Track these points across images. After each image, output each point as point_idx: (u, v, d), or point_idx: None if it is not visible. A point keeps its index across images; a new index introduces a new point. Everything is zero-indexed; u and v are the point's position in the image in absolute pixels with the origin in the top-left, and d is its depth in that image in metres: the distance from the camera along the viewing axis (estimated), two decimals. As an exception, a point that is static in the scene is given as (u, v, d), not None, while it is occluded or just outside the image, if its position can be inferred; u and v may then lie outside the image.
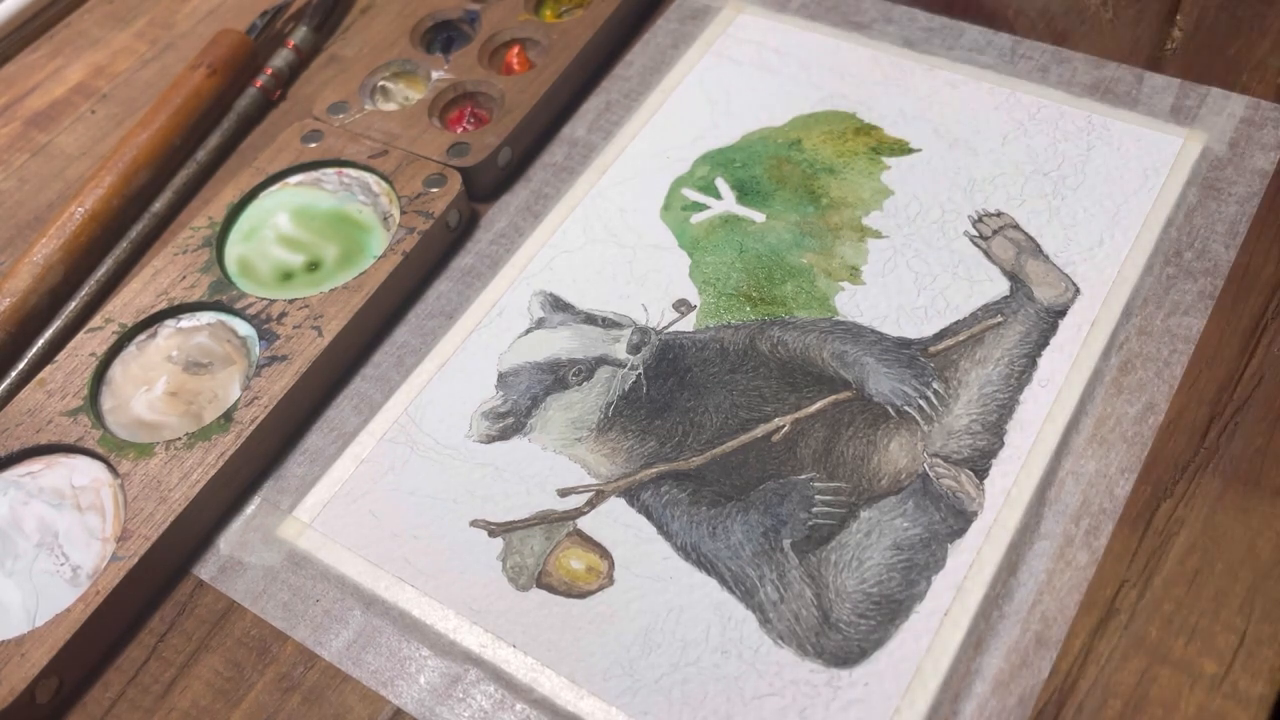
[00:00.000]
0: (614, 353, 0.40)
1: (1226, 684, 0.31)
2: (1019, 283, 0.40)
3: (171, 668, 0.36)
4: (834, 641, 0.33)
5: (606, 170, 0.47)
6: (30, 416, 0.40)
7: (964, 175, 0.44)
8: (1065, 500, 0.35)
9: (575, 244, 0.44)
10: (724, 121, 0.47)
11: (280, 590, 0.37)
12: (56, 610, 0.35)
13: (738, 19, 0.51)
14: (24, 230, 0.49)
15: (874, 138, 0.46)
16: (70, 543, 0.37)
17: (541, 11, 0.52)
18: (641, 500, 0.37)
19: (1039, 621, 0.33)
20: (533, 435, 0.39)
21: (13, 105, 0.54)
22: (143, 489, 0.37)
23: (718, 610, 0.34)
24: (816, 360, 0.39)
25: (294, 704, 0.34)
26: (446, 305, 0.43)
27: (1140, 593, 0.33)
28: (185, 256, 0.44)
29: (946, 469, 0.36)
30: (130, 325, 0.42)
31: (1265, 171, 0.42)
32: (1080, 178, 0.43)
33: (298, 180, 0.47)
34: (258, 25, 0.54)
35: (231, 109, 0.51)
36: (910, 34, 0.49)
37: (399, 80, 0.50)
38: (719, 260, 0.43)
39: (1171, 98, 0.45)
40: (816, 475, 0.37)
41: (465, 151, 0.46)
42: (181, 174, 0.49)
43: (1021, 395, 0.38)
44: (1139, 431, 0.36)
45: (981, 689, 0.32)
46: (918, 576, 0.34)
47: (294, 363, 0.40)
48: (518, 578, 0.36)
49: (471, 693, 0.34)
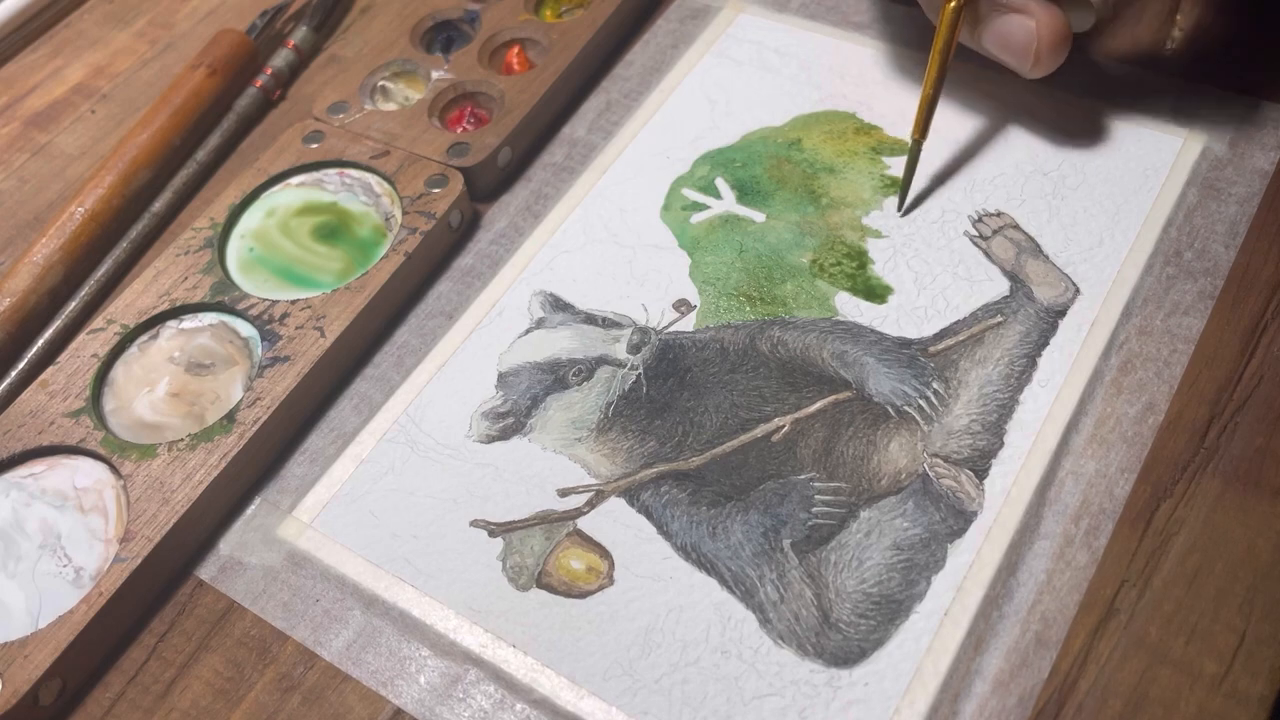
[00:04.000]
0: (614, 353, 0.41)
1: (1226, 684, 0.31)
2: (1019, 283, 0.40)
3: (171, 668, 0.36)
4: (834, 641, 0.34)
5: (606, 170, 0.47)
6: (32, 418, 0.40)
7: (964, 175, 0.44)
8: (1065, 500, 0.35)
9: (575, 244, 0.44)
10: (724, 121, 0.47)
11: (280, 590, 0.37)
12: (59, 612, 0.35)
13: (738, 19, 0.51)
14: (24, 230, 0.49)
15: (874, 137, 0.46)
16: (73, 544, 0.37)
17: (541, 11, 0.52)
18: (641, 500, 0.37)
19: (1039, 621, 0.33)
20: (533, 435, 0.39)
21: (12, 105, 0.54)
22: (145, 490, 0.37)
23: (718, 610, 0.35)
24: (816, 360, 0.40)
25: (294, 704, 0.34)
26: (446, 305, 0.44)
27: (1140, 593, 0.33)
28: (187, 257, 0.44)
29: (946, 469, 0.36)
30: (132, 326, 0.42)
31: (1265, 171, 0.42)
32: (1080, 178, 0.43)
33: (299, 181, 0.47)
34: (258, 25, 0.54)
35: (231, 109, 0.51)
36: (910, 33, 0.49)
37: (399, 80, 0.50)
38: (719, 260, 0.43)
39: (1171, 98, 0.45)
40: (816, 475, 0.37)
41: (465, 151, 0.46)
42: (181, 174, 0.49)
43: (1021, 395, 0.38)
44: (1139, 431, 0.36)
45: (981, 689, 0.32)
46: (918, 576, 0.34)
47: (296, 364, 0.40)
48: (518, 578, 0.36)
49: (471, 693, 0.34)
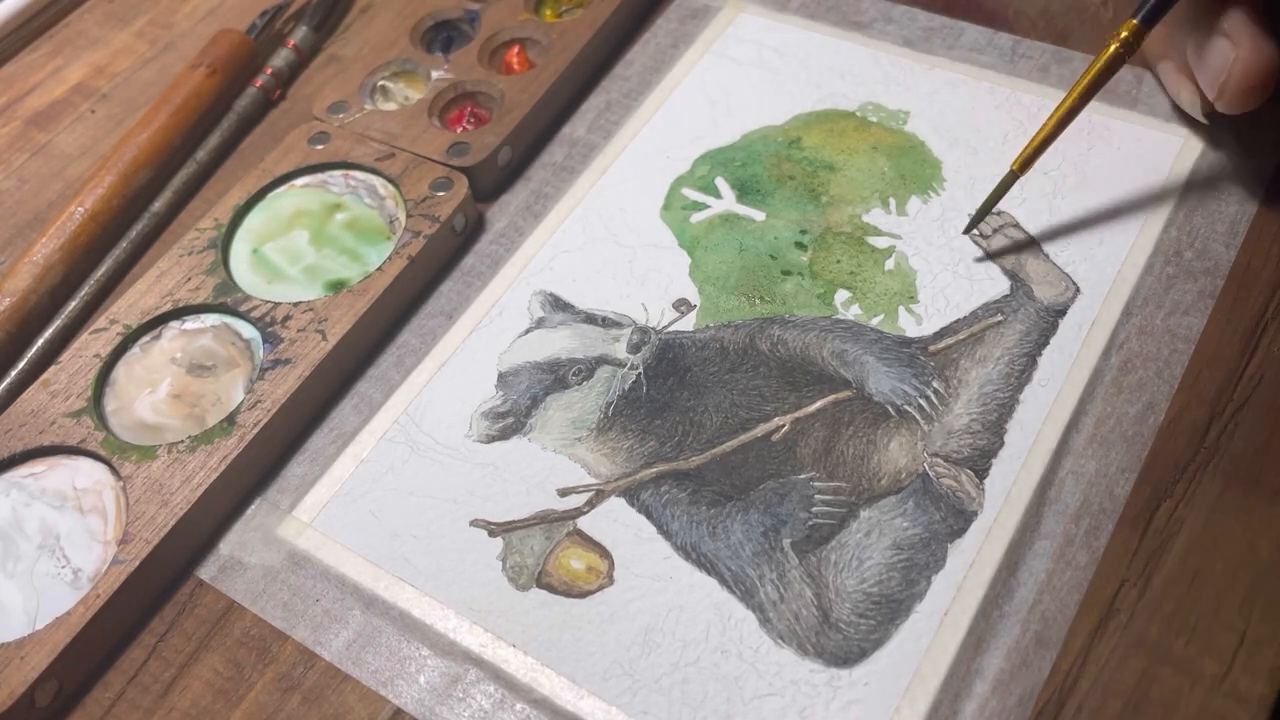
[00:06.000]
0: (614, 352, 0.41)
1: (1227, 684, 0.31)
2: (1019, 282, 0.40)
3: (171, 668, 0.36)
4: (834, 641, 0.34)
5: (606, 170, 0.47)
6: (33, 418, 0.40)
7: (964, 173, 0.44)
8: (1065, 500, 0.35)
9: (575, 244, 0.44)
10: (724, 121, 0.47)
11: (280, 590, 0.37)
12: (57, 613, 0.35)
13: (738, 19, 0.51)
14: (24, 230, 0.49)
15: (874, 136, 0.46)
16: (72, 545, 0.37)
17: (541, 11, 0.52)
18: (641, 500, 0.37)
19: (1039, 621, 0.33)
20: (533, 435, 0.39)
21: (12, 105, 0.54)
22: (145, 492, 0.37)
23: (718, 610, 0.35)
24: (816, 359, 0.40)
25: (294, 704, 0.34)
26: (446, 305, 0.44)
27: (1140, 593, 0.33)
28: (190, 258, 0.44)
29: (946, 468, 0.36)
30: (135, 326, 0.42)
31: (1265, 171, 0.42)
32: (1080, 177, 0.43)
33: (304, 183, 0.47)
34: (258, 25, 0.54)
35: (231, 109, 0.51)
36: (910, 33, 0.49)
37: (399, 80, 0.50)
38: (719, 259, 0.43)
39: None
40: (816, 475, 0.37)
41: (465, 151, 0.46)
42: (181, 174, 0.49)
43: (1021, 395, 0.38)
44: (1139, 431, 0.36)
45: (981, 689, 0.32)
46: (918, 576, 0.34)
47: (297, 366, 0.40)
48: (518, 578, 0.36)
49: (471, 693, 0.34)
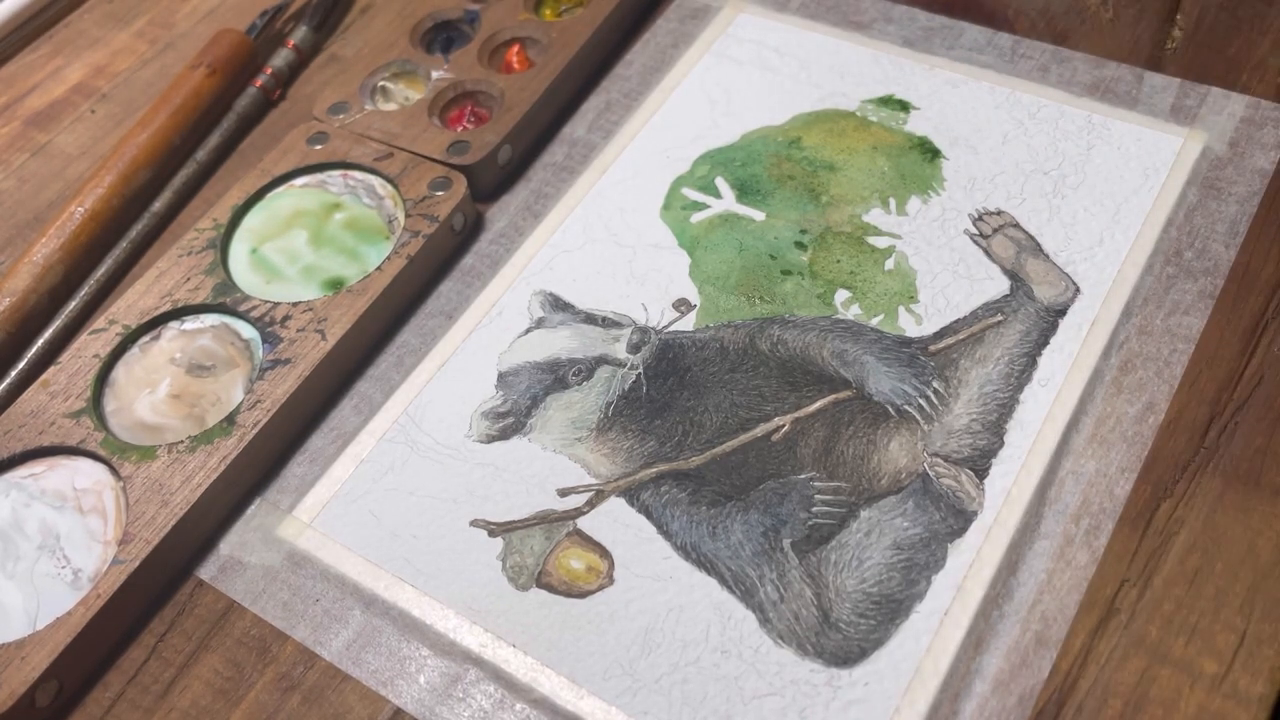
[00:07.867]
0: (614, 352, 0.40)
1: (1226, 684, 0.31)
2: (1019, 281, 0.40)
3: (171, 667, 0.36)
4: (834, 641, 0.34)
5: (606, 170, 0.47)
6: (33, 418, 0.40)
7: (964, 174, 0.44)
8: (1065, 500, 0.35)
9: (575, 243, 0.44)
10: (724, 121, 0.47)
11: (280, 590, 0.37)
12: (57, 613, 0.35)
13: (738, 18, 0.51)
14: (24, 230, 0.49)
15: (874, 136, 0.46)
16: (72, 545, 0.37)
17: (541, 10, 0.52)
18: (641, 500, 0.37)
19: (1039, 621, 0.33)
20: (533, 435, 0.39)
21: (13, 105, 0.54)
22: (145, 492, 0.37)
23: (718, 610, 0.34)
24: (816, 359, 0.39)
25: (294, 704, 0.34)
26: (446, 305, 0.43)
27: (1140, 592, 0.33)
28: (189, 258, 0.44)
29: (946, 468, 0.36)
30: (134, 327, 0.42)
31: (1265, 171, 0.42)
32: (1080, 177, 0.43)
33: (303, 183, 0.47)
34: (257, 25, 0.54)
35: (231, 109, 0.51)
36: (910, 34, 0.49)
37: (399, 80, 0.50)
38: (719, 259, 0.43)
39: (1171, 97, 0.45)
40: (816, 475, 0.37)
41: (466, 149, 0.46)
42: (181, 174, 0.49)
43: (1021, 394, 0.38)
44: (1139, 431, 0.36)
45: (981, 689, 0.32)
46: (918, 576, 0.34)
47: (297, 366, 0.40)
48: (518, 577, 0.36)
49: (471, 692, 0.34)
